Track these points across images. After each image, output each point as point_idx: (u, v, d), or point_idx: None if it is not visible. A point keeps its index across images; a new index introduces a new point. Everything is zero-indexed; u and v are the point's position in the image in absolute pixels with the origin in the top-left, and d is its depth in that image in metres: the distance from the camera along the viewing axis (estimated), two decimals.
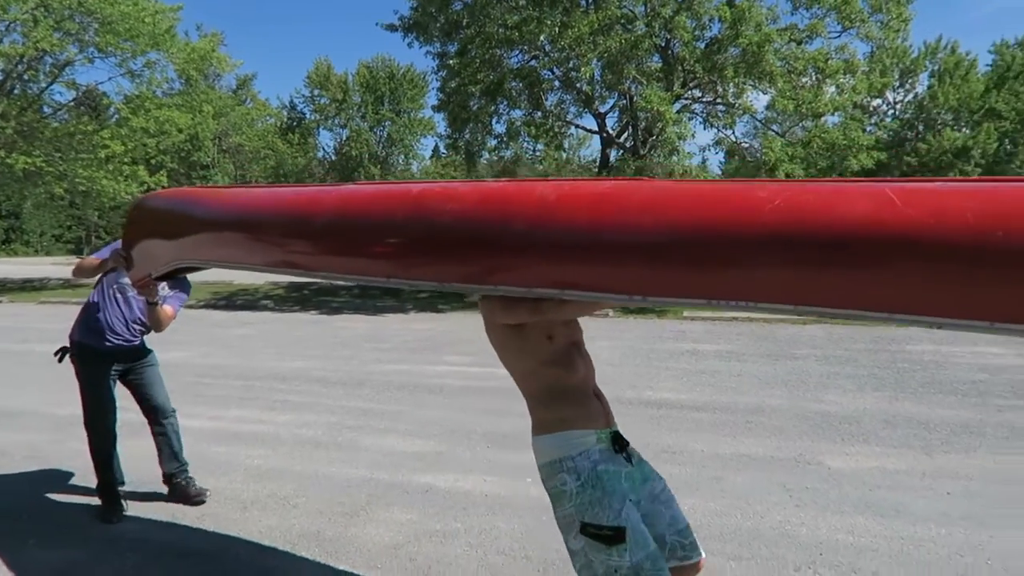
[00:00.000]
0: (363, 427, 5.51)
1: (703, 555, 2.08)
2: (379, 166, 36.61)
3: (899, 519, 3.58)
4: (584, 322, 2.22)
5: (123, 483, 3.88)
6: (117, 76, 21.29)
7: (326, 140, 73.46)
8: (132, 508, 3.83)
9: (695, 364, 7.90)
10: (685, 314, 12.40)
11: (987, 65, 30.24)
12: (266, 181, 37.37)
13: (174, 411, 3.97)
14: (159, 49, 20.52)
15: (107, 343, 3.68)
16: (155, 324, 3.66)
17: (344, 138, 38.39)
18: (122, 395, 3.83)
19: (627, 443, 2.04)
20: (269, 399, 6.39)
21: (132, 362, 3.81)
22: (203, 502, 3.84)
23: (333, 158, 39.15)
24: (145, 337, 3.87)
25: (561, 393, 2.02)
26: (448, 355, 8.97)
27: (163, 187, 25.35)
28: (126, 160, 20.47)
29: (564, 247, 1.73)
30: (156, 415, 3.89)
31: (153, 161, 23.67)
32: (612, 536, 1.87)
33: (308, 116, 40.39)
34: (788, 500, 3.87)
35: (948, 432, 5.08)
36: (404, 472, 4.43)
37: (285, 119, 40.39)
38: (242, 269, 2.70)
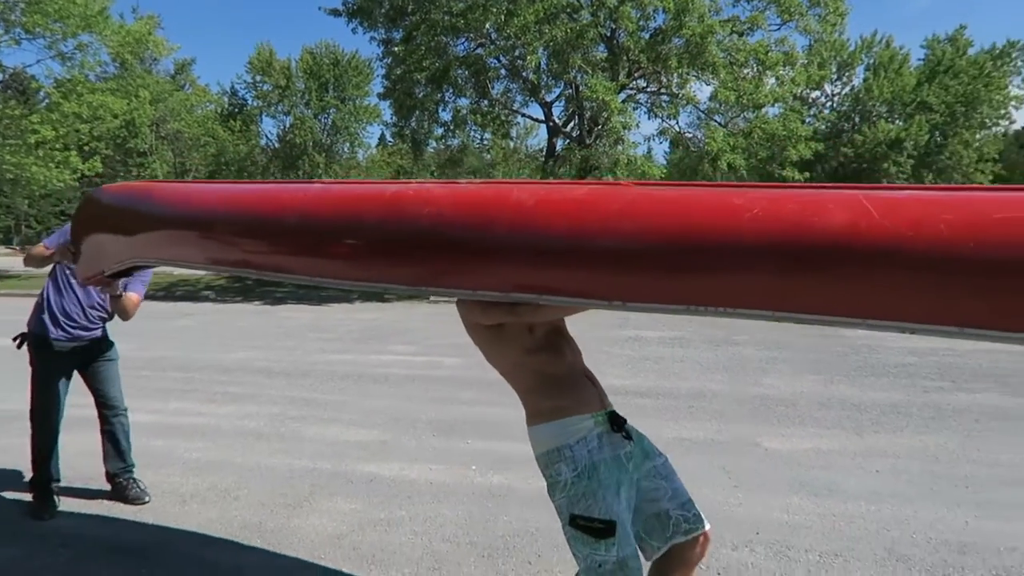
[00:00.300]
0: (307, 417, 5.44)
1: (707, 526, 2.09)
2: (324, 154, 35.98)
3: (832, 497, 3.71)
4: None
5: (58, 480, 3.75)
6: (47, 59, 20.44)
7: (269, 127, 71.91)
8: (68, 504, 3.71)
9: (639, 350, 8.02)
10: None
11: (919, 59, 31.26)
12: (207, 169, 36.38)
13: (126, 410, 3.83)
14: (91, 31, 19.78)
15: (64, 333, 3.54)
16: (121, 314, 3.55)
17: (288, 125, 37.57)
18: (77, 388, 3.71)
19: (624, 421, 2.04)
20: (210, 391, 6.26)
21: (92, 356, 3.67)
22: (144, 503, 3.72)
23: (276, 146, 38.30)
24: (107, 326, 3.75)
25: (552, 381, 2.00)
26: (393, 344, 8.92)
27: (98, 174, 24.50)
28: (57, 146, 19.69)
29: (541, 252, 1.73)
30: (107, 412, 3.76)
31: (87, 147, 22.82)
32: (603, 529, 1.86)
33: (250, 103, 39.37)
34: (727, 482, 3.97)
35: (878, 413, 5.28)
36: (348, 462, 4.39)
37: (226, 106, 39.34)
38: (201, 269, 2.62)
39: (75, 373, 3.70)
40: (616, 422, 2.01)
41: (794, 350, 7.95)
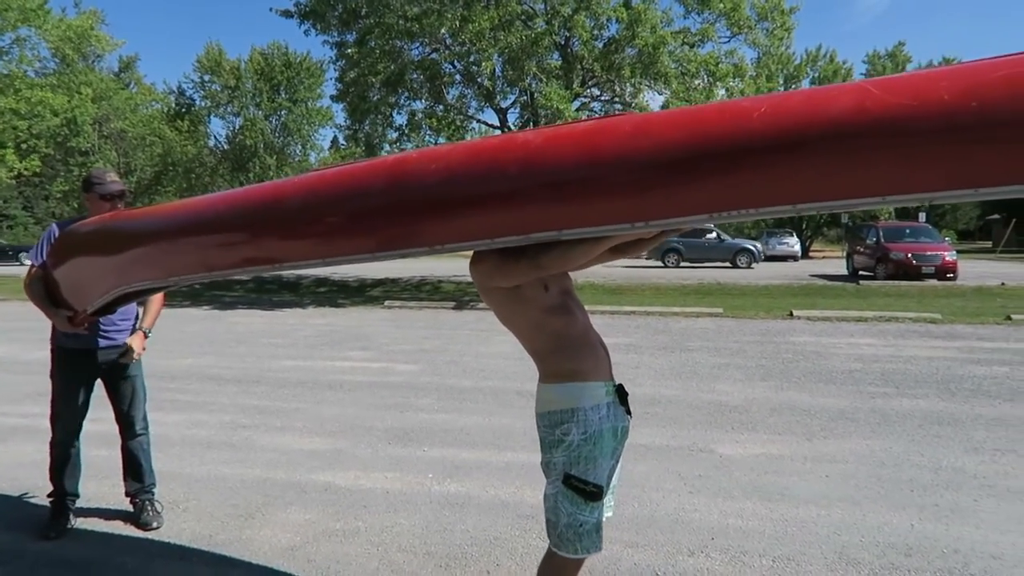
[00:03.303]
0: (259, 426, 5.33)
1: (611, 513, 2.21)
2: (275, 156, 35.39)
3: (784, 502, 3.78)
4: (482, 317, 2.22)
5: (76, 495, 3.56)
6: None
7: (218, 128, 70.43)
8: (5, 518, 3.56)
9: None
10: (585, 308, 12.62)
11: (861, 73, 32.34)
12: (153, 169, 35.45)
13: (146, 427, 3.65)
14: (30, 25, 19.13)
15: (84, 340, 3.34)
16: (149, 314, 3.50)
17: (237, 127, 36.89)
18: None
19: (627, 395, 2.15)
20: (157, 399, 6.03)
21: (115, 368, 3.49)
22: (154, 528, 3.50)
23: (226, 147, 37.55)
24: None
25: (571, 343, 2.05)
26: (348, 350, 8.81)
27: (36, 173, 23.68)
28: None
29: (558, 185, 1.73)
30: (125, 430, 3.59)
31: (24, 145, 22.03)
32: (594, 493, 1.98)
33: (198, 103, 38.57)
34: (682, 487, 4.01)
35: (827, 419, 5.40)
36: (302, 471, 4.31)
37: (173, 105, 38.42)
38: (200, 280, 2.53)
39: (99, 384, 3.52)
40: (622, 395, 2.13)
41: (745, 356, 8.10)
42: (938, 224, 39.54)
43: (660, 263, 25.69)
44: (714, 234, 26.56)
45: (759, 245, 27.97)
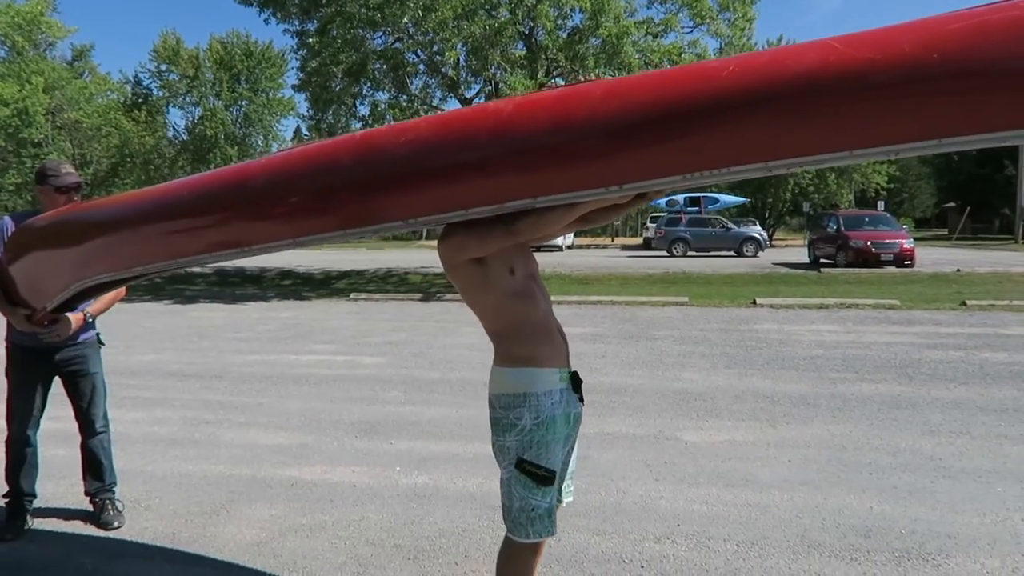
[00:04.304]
0: (222, 421, 5.26)
1: (571, 499, 2.29)
2: (236, 147, 34.80)
3: (747, 488, 3.84)
4: (448, 309, 2.21)
5: (33, 496, 3.48)
6: None
7: (176, 119, 68.86)
8: None
9: None
10: (552, 298, 12.63)
11: None
12: (109, 161, 34.61)
13: (107, 426, 3.57)
14: None
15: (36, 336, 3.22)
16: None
17: (197, 117, 36.18)
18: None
19: (581, 382, 2.17)
20: (117, 396, 5.91)
21: (72, 365, 3.39)
22: (115, 528, 3.42)
23: (185, 138, 36.82)
24: (95, 333, 3.48)
25: (530, 328, 2.06)
26: (313, 344, 8.72)
27: None
28: None
29: (529, 152, 1.73)
30: (85, 428, 3.50)
31: None
32: (546, 478, 2.00)
33: (156, 93, 37.73)
34: (649, 475, 4.05)
35: (790, 404, 5.50)
36: (267, 466, 4.26)
37: (129, 95, 37.54)
38: (164, 269, 2.45)
39: (57, 382, 3.43)
40: (576, 382, 2.14)
41: (710, 345, 8.19)
42: (896, 212, 40.42)
43: (666, 252, 25.44)
44: (721, 224, 26.63)
45: (765, 233, 28.13)
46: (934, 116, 1.47)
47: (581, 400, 2.17)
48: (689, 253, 25.32)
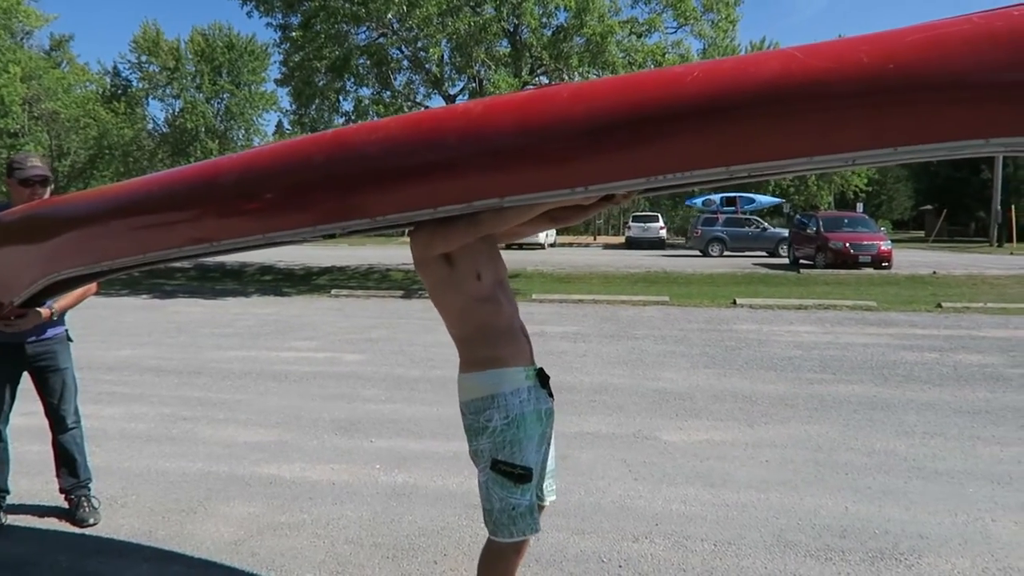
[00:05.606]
0: (200, 418, 5.22)
1: (554, 497, 2.31)
2: (217, 140, 34.51)
3: (725, 487, 3.87)
4: (429, 306, 2.21)
5: (6, 492, 3.44)
6: None
7: (156, 111, 68.18)
8: None
9: (542, 345, 8.11)
10: (534, 296, 12.70)
11: None
12: (88, 152, 34.18)
13: (78, 421, 3.52)
14: None
15: (21, 335, 3.20)
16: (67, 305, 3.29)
17: (177, 110, 35.83)
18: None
19: (549, 378, 2.18)
20: (93, 391, 5.89)
21: (41, 360, 3.35)
22: (91, 524, 3.39)
23: (165, 130, 36.45)
24: (64, 329, 3.44)
25: (492, 332, 2.07)
26: (293, 340, 8.67)
27: None
28: None
29: (497, 153, 1.76)
30: (56, 424, 3.45)
31: None
32: (522, 475, 2.02)
33: (135, 84, 37.32)
34: (628, 474, 4.08)
35: (768, 405, 5.55)
36: (246, 464, 4.24)
37: (108, 86, 37.10)
38: (134, 265, 2.42)
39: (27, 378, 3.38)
40: (543, 379, 2.16)
41: (689, 344, 8.25)
42: (875, 214, 40.83)
43: (699, 253, 25.02)
44: (757, 224, 26.25)
45: None
46: (890, 125, 1.52)
47: (551, 395, 2.20)
48: (725, 253, 24.91)
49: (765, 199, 34.03)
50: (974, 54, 1.43)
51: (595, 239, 42.06)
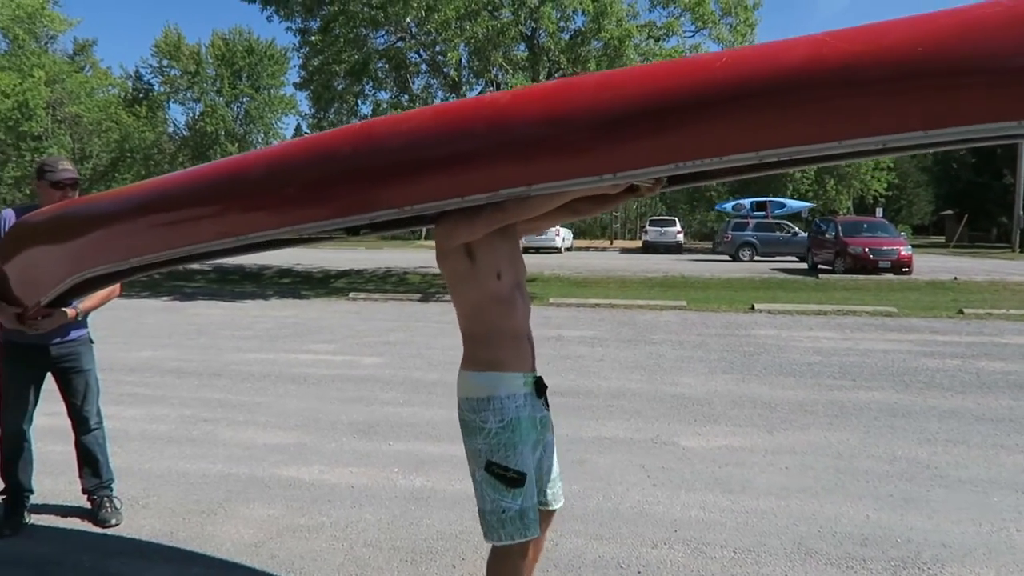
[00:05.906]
0: (220, 420, 5.26)
1: (561, 502, 2.32)
2: (237, 144, 34.80)
3: (744, 494, 3.85)
4: (447, 309, 2.22)
5: (30, 491, 3.48)
6: None
7: (177, 114, 68.89)
8: None
9: (559, 350, 8.11)
10: (551, 300, 12.70)
11: None
12: (109, 155, 34.58)
13: (101, 422, 3.57)
14: None
15: (46, 337, 3.23)
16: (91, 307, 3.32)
17: (198, 113, 36.20)
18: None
19: (546, 388, 2.20)
20: (115, 392, 5.95)
21: (65, 361, 3.38)
22: (113, 525, 3.43)
23: (186, 133, 36.83)
24: (87, 331, 3.48)
25: (499, 335, 2.09)
26: (312, 343, 8.72)
27: None
28: None
29: (525, 141, 1.78)
30: (79, 425, 3.50)
31: None
32: (515, 479, 2.02)
33: (156, 88, 37.74)
34: (646, 480, 4.06)
35: (787, 411, 5.51)
36: (265, 466, 4.27)
37: (130, 90, 37.53)
38: (160, 262, 2.45)
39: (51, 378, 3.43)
40: (540, 387, 2.18)
41: (707, 349, 8.21)
42: (894, 219, 40.48)
43: (728, 257, 24.89)
44: (788, 228, 26.01)
45: None
46: (919, 109, 1.53)
47: (546, 405, 2.21)
48: (756, 258, 24.67)
49: (796, 204, 33.58)
50: (1004, 37, 1.44)
51: (611, 243, 41.96)
